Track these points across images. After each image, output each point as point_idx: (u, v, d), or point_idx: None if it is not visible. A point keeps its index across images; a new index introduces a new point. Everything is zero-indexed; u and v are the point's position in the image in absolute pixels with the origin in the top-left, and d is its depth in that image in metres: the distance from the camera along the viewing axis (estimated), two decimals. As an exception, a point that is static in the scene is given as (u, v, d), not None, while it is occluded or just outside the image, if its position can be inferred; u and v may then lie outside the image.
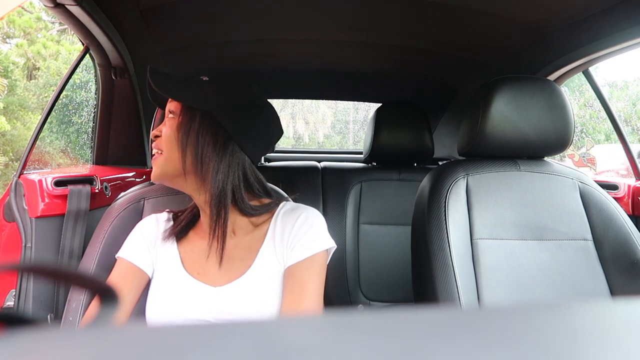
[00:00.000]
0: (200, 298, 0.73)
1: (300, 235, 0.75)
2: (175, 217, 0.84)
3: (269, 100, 0.81)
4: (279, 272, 0.74)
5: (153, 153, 0.77)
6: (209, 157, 0.72)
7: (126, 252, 0.80)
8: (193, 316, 0.72)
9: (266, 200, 0.80)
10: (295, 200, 1.00)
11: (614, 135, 1.49)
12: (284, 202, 0.81)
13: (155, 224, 0.83)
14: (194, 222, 0.82)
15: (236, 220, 0.77)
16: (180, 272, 0.76)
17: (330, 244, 0.76)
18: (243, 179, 0.75)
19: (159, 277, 0.78)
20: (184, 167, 0.73)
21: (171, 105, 0.76)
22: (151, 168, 1.52)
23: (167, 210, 0.87)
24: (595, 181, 1.12)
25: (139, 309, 0.80)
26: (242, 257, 0.75)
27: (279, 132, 0.82)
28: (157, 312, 0.75)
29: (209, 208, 0.74)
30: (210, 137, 0.72)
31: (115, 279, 0.78)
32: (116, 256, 0.81)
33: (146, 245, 0.81)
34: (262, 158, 2.12)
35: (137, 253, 0.80)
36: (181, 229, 0.80)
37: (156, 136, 0.77)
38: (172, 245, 0.80)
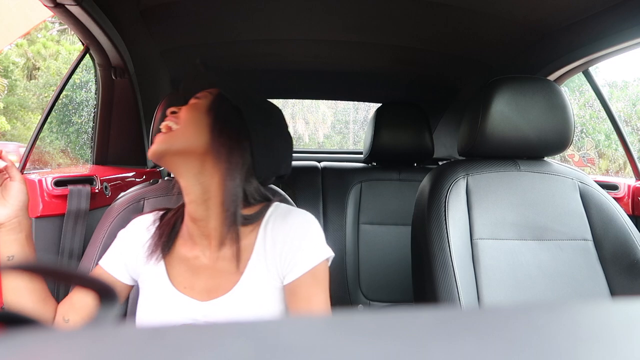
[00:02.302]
0: (188, 313, 0.70)
1: (297, 246, 0.70)
2: (160, 223, 0.78)
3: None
4: (274, 287, 0.70)
5: (162, 128, 0.72)
6: (229, 148, 0.69)
7: (106, 262, 0.78)
8: None
9: (257, 207, 0.75)
10: (293, 198, 0.99)
11: (614, 135, 1.49)
12: (274, 205, 0.76)
13: (138, 231, 0.79)
14: (177, 229, 0.77)
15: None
16: (167, 286, 0.72)
17: (330, 253, 0.72)
18: (244, 186, 0.72)
19: (146, 292, 0.75)
20: (198, 146, 0.69)
21: (204, 91, 0.75)
22: (152, 168, 1.53)
23: (154, 211, 0.82)
24: (595, 181, 1.12)
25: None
26: (231, 270, 0.71)
27: (288, 165, 0.79)
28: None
29: (211, 207, 0.70)
30: (234, 130, 0.71)
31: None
32: (99, 263, 0.79)
33: (127, 256, 0.77)
34: None
35: (116, 265, 0.77)
36: (166, 240, 0.75)
37: (173, 112, 0.73)
38: (158, 257, 0.75)
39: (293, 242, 0.70)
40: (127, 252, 0.77)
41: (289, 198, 0.96)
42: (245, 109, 0.72)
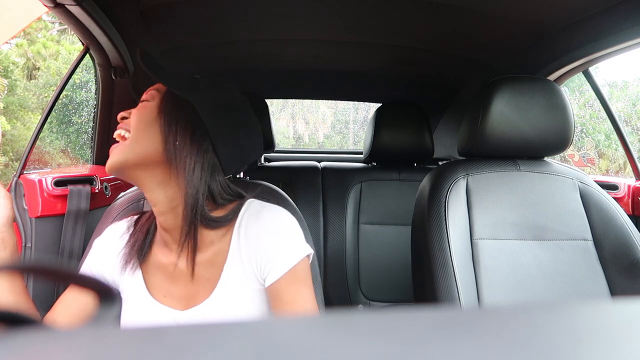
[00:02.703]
0: (168, 323, 0.68)
1: (272, 245, 0.66)
2: (133, 230, 0.75)
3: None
4: (254, 290, 0.67)
5: (115, 137, 0.68)
6: (187, 149, 0.64)
7: (85, 272, 0.74)
8: None
9: (229, 207, 0.71)
10: (293, 198, 0.98)
11: (614, 135, 1.49)
12: (247, 203, 0.71)
13: (112, 240, 0.75)
14: (152, 234, 0.73)
15: (200, 233, 0.68)
16: (145, 296, 0.69)
17: (309, 250, 0.68)
18: (209, 185, 0.67)
19: (126, 302, 0.71)
20: (156, 155, 0.64)
21: (151, 90, 0.70)
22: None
23: (128, 217, 0.78)
24: (595, 181, 1.12)
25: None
26: (207, 276, 0.68)
27: (258, 151, 0.75)
28: None
29: (180, 215, 0.66)
30: (189, 128, 0.65)
31: (69, 292, 0.72)
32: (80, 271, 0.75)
33: (104, 266, 0.74)
34: (262, 158, 2.12)
35: (94, 274, 0.73)
36: (140, 248, 0.71)
37: (124, 118, 0.69)
38: (134, 265, 0.71)
39: (267, 242, 0.66)
40: (103, 261, 0.74)
41: (272, 186, 0.92)
42: (198, 102, 0.66)
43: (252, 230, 0.68)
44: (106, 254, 0.74)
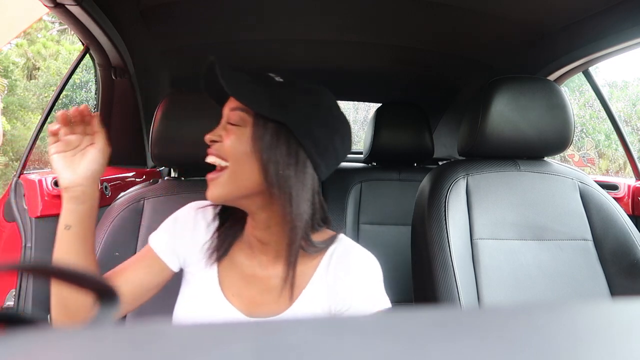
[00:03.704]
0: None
1: (359, 290, 0.66)
2: (220, 223, 0.73)
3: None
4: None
5: (213, 162, 0.65)
6: (288, 175, 0.61)
7: (157, 244, 0.73)
8: None
9: (323, 235, 0.70)
10: None
11: (614, 135, 1.49)
12: (339, 237, 0.71)
13: (193, 219, 0.74)
14: (237, 234, 0.73)
15: None
16: (215, 291, 0.69)
17: (387, 304, 0.66)
18: (312, 206, 0.65)
19: (192, 290, 0.71)
20: (257, 186, 0.62)
21: (235, 107, 0.65)
22: (152, 168, 1.52)
23: (211, 205, 0.76)
24: (595, 181, 1.12)
25: (163, 311, 0.76)
26: (284, 293, 0.67)
27: (349, 150, 0.70)
28: None
29: (277, 231, 0.66)
30: (286, 153, 0.61)
31: (135, 260, 0.72)
32: (149, 240, 0.74)
33: (179, 241, 0.73)
34: None
35: (166, 248, 0.72)
36: (226, 248, 0.71)
37: (213, 141, 0.65)
38: (214, 259, 0.71)
39: (354, 284, 0.66)
40: (179, 236, 0.73)
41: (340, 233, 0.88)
42: (291, 123, 0.61)
43: (342, 267, 0.67)
44: (186, 230, 0.73)
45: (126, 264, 0.72)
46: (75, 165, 0.67)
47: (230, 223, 0.73)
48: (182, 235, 0.73)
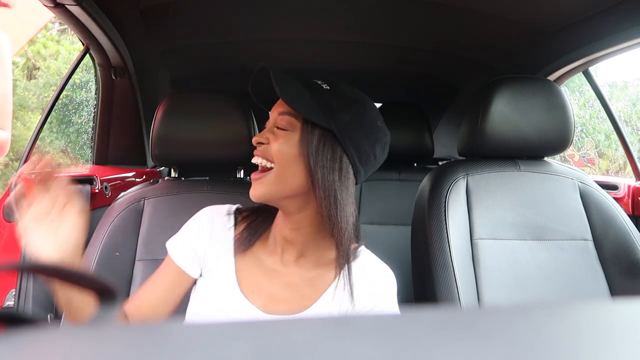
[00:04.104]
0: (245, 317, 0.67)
1: (377, 301, 0.68)
2: (248, 222, 0.74)
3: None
4: None
5: (258, 162, 0.67)
6: (336, 184, 0.63)
7: (175, 253, 0.73)
8: None
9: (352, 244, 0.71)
10: None
11: (614, 135, 1.49)
12: (361, 247, 0.73)
13: (210, 221, 0.75)
14: (262, 232, 0.74)
15: (316, 250, 0.70)
16: (232, 286, 0.69)
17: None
18: (355, 210, 0.67)
19: (208, 284, 0.71)
20: (300, 188, 0.64)
21: (284, 112, 0.66)
22: (152, 168, 1.52)
23: (236, 206, 0.78)
24: (595, 181, 1.12)
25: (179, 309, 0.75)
26: (304, 293, 0.68)
27: (385, 158, 0.73)
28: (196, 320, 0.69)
29: (305, 232, 0.68)
30: (331, 158, 0.64)
31: (159, 271, 0.73)
32: (167, 247, 0.74)
33: (196, 248, 0.73)
34: None
35: (186, 256, 0.72)
36: (248, 242, 0.72)
37: (259, 143, 0.67)
38: (229, 251, 0.72)
39: (372, 296, 0.68)
40: (198, 238, 0.73)
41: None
42: (339, 131, 0.64)
43: (363, 275, 0.69)
44: (204, 233, 0.74)
45: (153, 275, 0.73)
46: (55, 234, 0.56)
47: (259, 220, 0.74)
48: (199, 236, 0.74)
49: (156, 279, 0.72)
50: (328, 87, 0.68)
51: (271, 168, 0.65)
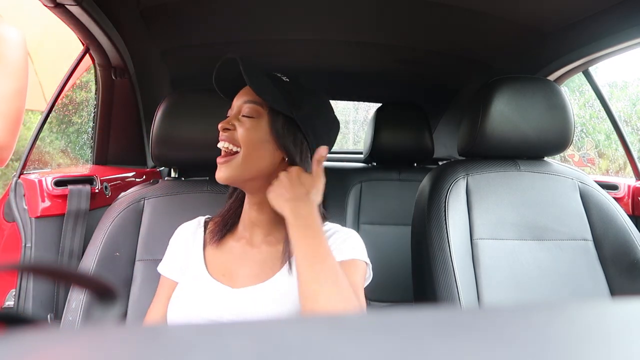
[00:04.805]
0: (217, 299, 0.71)
1: (343, 245, 0.72)
2: (217, 221, 0.80)
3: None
4: None
5: (224, 147, 0.71)
6: (298, 165, 0.70)
7: (166, 271, 0.79)
8: (207, 316, 0.70)
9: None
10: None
11: (614, 135, 1.49)
12: (327, 223, 0.78)
13: (184, 232, 0.82)
14: (233, 224, 0.79)
15: (281, 228, 0.73)
16: (203, 274, 0.74)
17: (369, 262, 0.72)
18: None
19: (183, 280, 0.76)
20: (264, 169, 0.70)
21: (249, 100, 0.72)
22: (152, 168, 1.52)
23: (205, 217, 0.84)
24: (595, 181, 1.12)
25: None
26: (272, 265, 0.73)
27: (337, 133, 0.81)
28: (174, 312, 0.73)
29: (268, 211, 0.72)
30: (293, 143, 0.71)
31: (157, 292, 0.78)
32: (159, 271, 0.79)
33: (179, 259, 0.79)
34: None
35: (175, 270, 0.78)
36: (221, 234, 0.77)
37: (226, 129, 0.71)
38: (199, 249, 0.77)
39: (338, 242, 0.72)
40: (179, 253, 0.79)
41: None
42: (301, 120, 0.71)
43: (330, 238, 0.73)
44: (181, 245, 0.80)
45: (153, 300, 0.78)
46: None
47: (228, 216, 0.79)
48: (178, 249, 0.80)
49: (157, 301, 0.77)
50: (287, 80, 0.75)
51: (237, 152, 0.70)
